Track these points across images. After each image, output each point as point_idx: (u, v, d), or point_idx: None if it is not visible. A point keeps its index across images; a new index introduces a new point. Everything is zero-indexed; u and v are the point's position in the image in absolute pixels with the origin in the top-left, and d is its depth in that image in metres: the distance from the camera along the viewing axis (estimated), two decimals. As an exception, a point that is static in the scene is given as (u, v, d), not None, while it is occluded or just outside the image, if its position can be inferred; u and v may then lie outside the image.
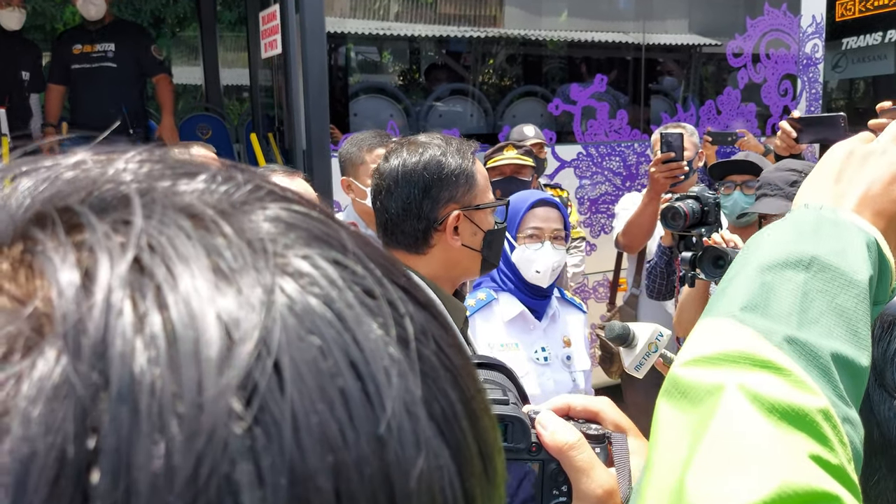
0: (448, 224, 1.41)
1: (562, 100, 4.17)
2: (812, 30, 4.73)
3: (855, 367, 0.53)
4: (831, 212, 0.61)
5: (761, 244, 0.60)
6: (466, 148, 1.44)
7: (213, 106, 5.92)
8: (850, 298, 0.55)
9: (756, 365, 0.51)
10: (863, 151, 0.65)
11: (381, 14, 4.20)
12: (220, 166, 0.27)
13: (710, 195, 2.34)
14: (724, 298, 0.57)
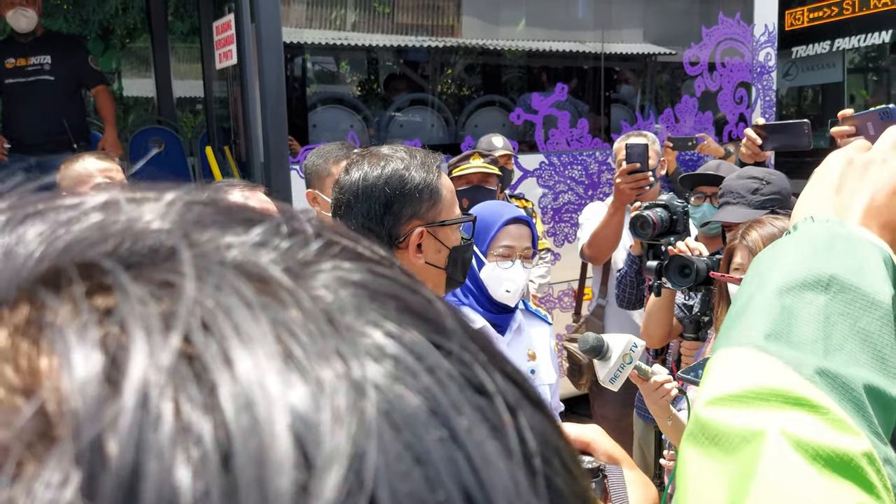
0: (411, 241, 1.34)
1: (523, 109, 4.16)
2: (765, 38, 4.82)
3: (886, 398, 0.50)
4: (840, 225, 0.58)
5: (774, 263, 0.57)
6: (431, 161, 1.37)
7: (165, 119, 5.78)
8: (874, 321, 0.52)
9: (790, 403, 0.47)
10: (863, 160, 0.63)
11: (339, 24, 4.14)
12: (281, 214, 0.22)
13: (678, 204, 2.34)
14: (742, 324, 0.53)
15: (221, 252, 0.19)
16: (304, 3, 3.94)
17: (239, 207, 0.22)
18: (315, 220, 0.22)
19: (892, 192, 0.61)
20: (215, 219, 0.20)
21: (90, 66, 4.40)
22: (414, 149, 1.42)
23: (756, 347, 0.51)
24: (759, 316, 0.53)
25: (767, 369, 0.49)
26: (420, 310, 0.20)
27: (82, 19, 8.27)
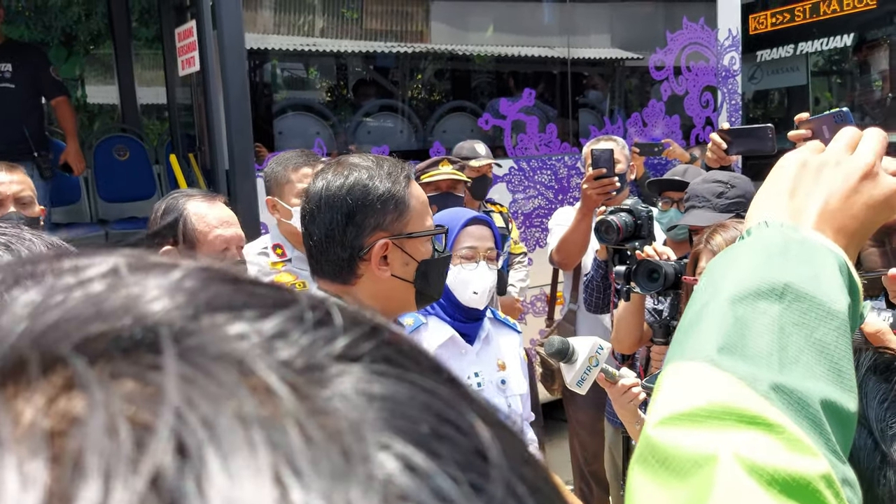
0: (373, 253, 1.30)
1: (491, 114, 4.16)
2: (729, 43, 4.87)
3: (843, 413, 0.48)
4: (794, 230, 0.57)
5: (727, 270, 0.55)
6: (399, 171, 1.33)
7: (130, 126, 5.69)
8: (830, 332, 0.50)
9: (744, 421, 0.45)
10: (816, 163, 0.61)
11: (307, 30, 4.10)
12: (308, 299, 0.19)
13: (642, 208, 2.34)
14: (694, 336, 0.51)
15: (226, 344, 0.16)
16: (271, 8, 3.90)
17: (261, 285, 0.19)
18: (349, 308, 0.20)
19: (846, 196, 0.59)
20: (231, 299, 0.18)
21: (51, 75, 4.35)
22: (383, 158, 1.38)
23: (709, 361, 0.48)
24: (712, 327, 0.51)
25: (721, 385, 0.47)
26: (458, 437, 0.17)
27: (45, 26, 8.12)
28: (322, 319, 0.19)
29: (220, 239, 1.87)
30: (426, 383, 0.18)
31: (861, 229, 0.60)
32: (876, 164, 0.61)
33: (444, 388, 0.19)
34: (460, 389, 0.20)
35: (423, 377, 0.18)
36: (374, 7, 4.21)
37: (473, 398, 0.20)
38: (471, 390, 0.20)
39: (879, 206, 0.60)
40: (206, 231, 1.86)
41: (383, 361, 0.18)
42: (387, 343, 0.19)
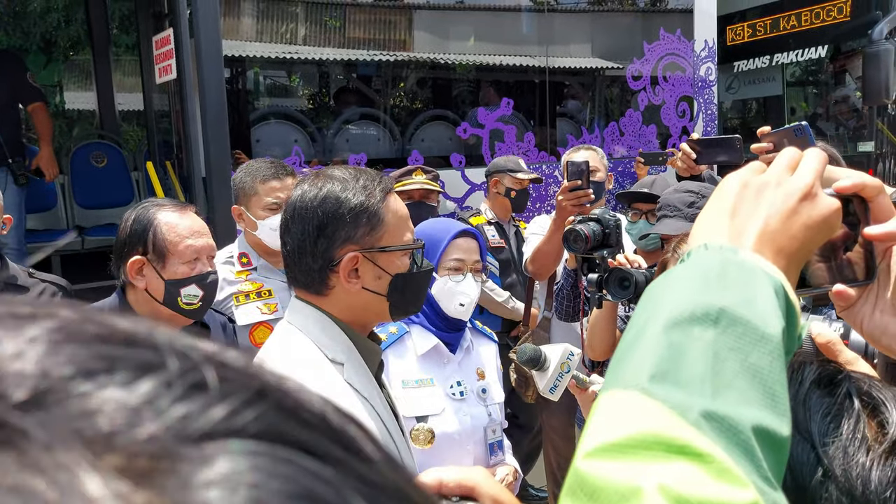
0: (342, 266, 1.29)
1: (470, 123, 4.18)
2: (705, 54, 4.93)
3: (776, 439, 0.48)
4: (733, 253, 0.56)
5: (664, 294, 0.55)
6: (374, 185, 1.32)
7: (107, 133, 5.65)
8: (765, 356, 0.50)
9: (673, 451, 0.44)
10: (757, 183, 0.61)
11: (289, 38, 4.11)
12: (182, 360, 0.18)
13: (610, 217, 2.36)
14: (628, 363, 0.51)
15: (82, 421, 0.15)
16: (253, 16, 3.90)
17: (133, 340, 0.17)
18: (234, 365, 0.18)
19: (786, 217, 0.59)
20: (94, 362, 0.16)
21: (28, 82, 4.32)
22: (363, 171, 1.37)
23: (640, 390, 0.48)
24: (646, 354, 0.50)
25: (651, 414, 0.46)
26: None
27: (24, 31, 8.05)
28: (196, 381, 0.17)
29: (190, 249, 1.87)
30: (307, 464, 0.17)
31: (801, 250, 0.60)
32: (815, 185, 0.61)
33: (329, 468, 0.18)
34: (351, 458, 0.19)
35: (305, 456, 0.17)
36: (357, 16, 4.23)
37: (361, 472, 0.19)
38: (367, 452, 0.20)
39: (818, 227, 0.60)
40: (177, 241, 1.86)
41: (265, 436, 0.17)
42: (275, 408, 0.18)
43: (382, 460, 0.20)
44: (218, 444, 0.16)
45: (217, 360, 0.19)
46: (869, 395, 0.66)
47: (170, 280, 1.85)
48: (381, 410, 1.30)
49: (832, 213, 0.61)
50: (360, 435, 0.20)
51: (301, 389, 0.20)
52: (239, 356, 0.20)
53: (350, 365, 1.30)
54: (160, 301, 1.86)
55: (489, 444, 2.05)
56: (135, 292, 1.90)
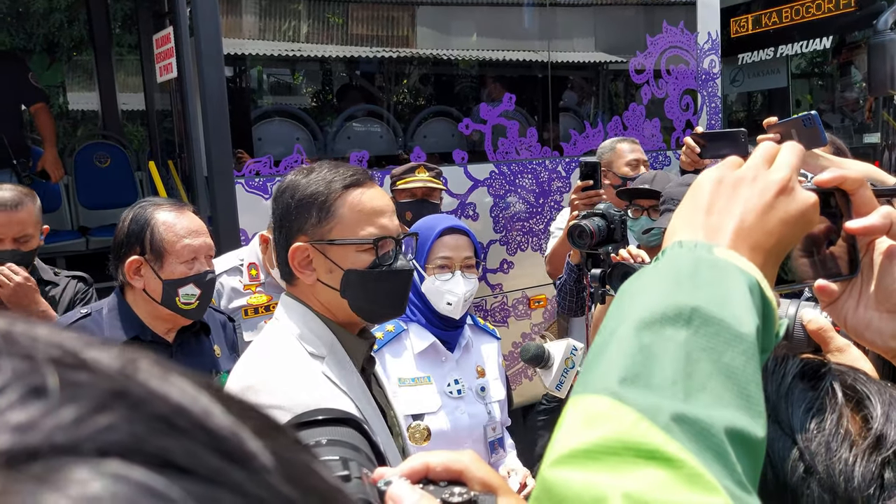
0: (290, 255, 1.30)
1: (472, 119, 4.16)
2: (708, 46, 4.90)
3: (750, 441, 0.47)
4: (707, 251, 0.55)
5: (636, 295, 0.53)
6: (338, 177, 1.30)
7: (110, 133, 5.66)
8: (738, 356, 0.49)
9: (641, 456, 0.43)
10: (732, 179, 0.60)
11: (291, 35, 4.09)
12: (25, 361, 0.16)
13: (615, 213, 2.34)
14: (599, 367, 0.50)
15: None
16: (255, 14, 3.89)
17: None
18: (89, 368, 0.17)
19: (762, 213, 0.58)
20: None
21: (30, 82, 4.32)
22: (338, 165, 1.36)
23: (610, 394, 0.47)
24: (617, 356, 0.49)
25: (619, 420, 0.45)
26: None
27: (27, 33, 8.07)
28: (37, 385, 0.16)
29: (187, 248, 1.86)
30: (153, 481, 0.16)
31: (777, 245, 0.59)
32: (792, 179, 0.60)
33: (192, 482, 0.16)
34: (230, 467, 0.18)
35: (162, 470, 0.16)
36: (360, 12, 4.21)
37: (237, 483, 0.17)
38: (256, 461, 0.18)
39: (795, 222, 0.59)
40: (174, 241, 1.85)
41: (113, 449, 0.16)
42: (133, 413, 0.17)
43: (278, 469, 0.19)
44: (48, 463, 0.14)
45: (70, 360, 0.17)
46: (853, 388, 0.64)
47: (167, 280, 1.84)
48: (364, 405, 1.28)
49: (809, 207, 0.60)
50: (256, 445, 0.19)
51: (182, 392, 0.18)
52: (104, 354, 0.18)
53: (331, 358, 1.29)
54: (158, 301, 1.86)
55: (489, 442, 2.04)
56: (133, 292, 1.89)
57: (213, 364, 1.97)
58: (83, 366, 0.17)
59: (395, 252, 1.35)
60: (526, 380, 4.31)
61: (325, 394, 1.22)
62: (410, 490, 0.58)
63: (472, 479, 0.62)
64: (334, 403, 1.20)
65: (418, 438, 1.90)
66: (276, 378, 1.23)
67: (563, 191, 4.35)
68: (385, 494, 0.58)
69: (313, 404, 1.18)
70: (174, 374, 0.19)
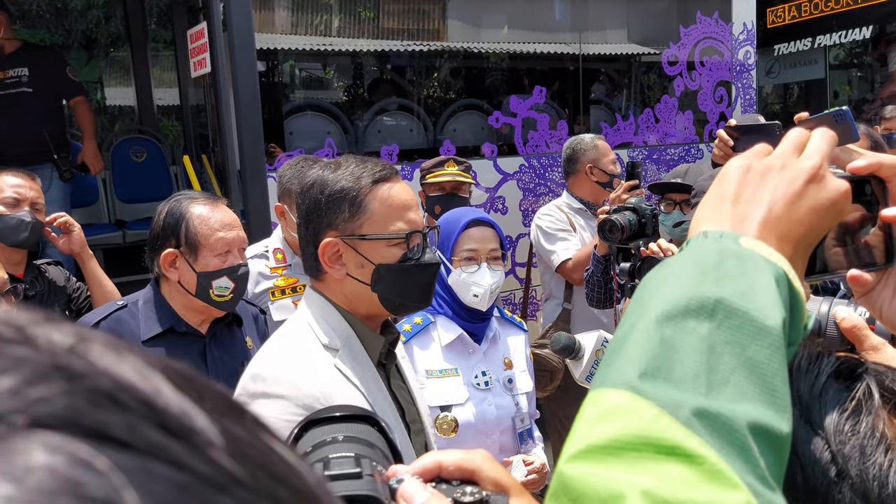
0: (321, 251, 1.30)
1: (502, 112, 4.15)
2: (744, 37, 4.82)
3: (775, 436, 0.46)
4: (733, 241, 0.53)
5: (658, 287, 0.52)
6: (367, 172, 1.31)
7: (146, 128, 5.76)
8: (763, 349, 0.47)
9: (661, 452, 0.43)
10: (761, 167, 0.58)
11: (323, 30, 4.12)
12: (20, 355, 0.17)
13: (647, 207, 2.32)
14: (618, 360, 0.49)
15: None
16: (287, 9, 3.93)
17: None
18: (33, 345, 0.18)
19: (791, 202, 0.56)
20: None
21: (68, 76, 4.38)
22: (364, 160, 1.37)
23: (630, 388, 0.46)
24: (637, 350, 0.48)
25: (639, 415, 0.44)
26: None
27: (65, 29, 8.23)
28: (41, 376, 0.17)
29: (221, 241, 1.89)
30: (83, 453, 0.16)
31: (808, 235, 0.57)
32: (822, 167, 0.58)
33: (106, 455, 0.17)
34: (171, 441, 0.18)
35: (96, 442, 0.17)
36: (391, 6, 4.22)
37: (176, 457, 0.18)
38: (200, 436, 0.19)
39: (825, 211, 0.57)
40: (208, 234, 1.88)
41: (49, 421, 0.17)
42: (73, 387, 0.17)
43: (226, 446, 0.19)
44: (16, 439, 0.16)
45: (13, 335, 0.18)
46: (891, 390, 0.61)
47: (202, 272, 1.87)
48: (378, 399, 1.29)
49: (840, 195, 0.58)
50: (203, 420, 0.19)
51: (133, 370, 0.19)
52: (54, 332, 0.19)
53: (345, 351, 1.30)
54: (192, 293, 1.89)
55: (518, 433, 2.05)
56: (168, 284, 1.93)
57: (245, 355, 2.00)
58: (26, 341, 0.18)
59: (423, 245, 1.36)
60: (555, 374, 4.30)
61: (333, 386, 1.23)
62: (421, 488, 0.58)
63: (484, 479, 0.62)
64: (342, 396, 1.21)
65: (446, 430, 1.91)
66: (284, 368, 1.24)
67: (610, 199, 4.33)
68: (396, 492, 0.58)
69: (319, 396, 1.19)
70: (129, 353, 0.20)
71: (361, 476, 0.59)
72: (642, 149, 4.49)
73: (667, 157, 4.52)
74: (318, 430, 0.67)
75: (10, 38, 4.24)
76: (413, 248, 1.34)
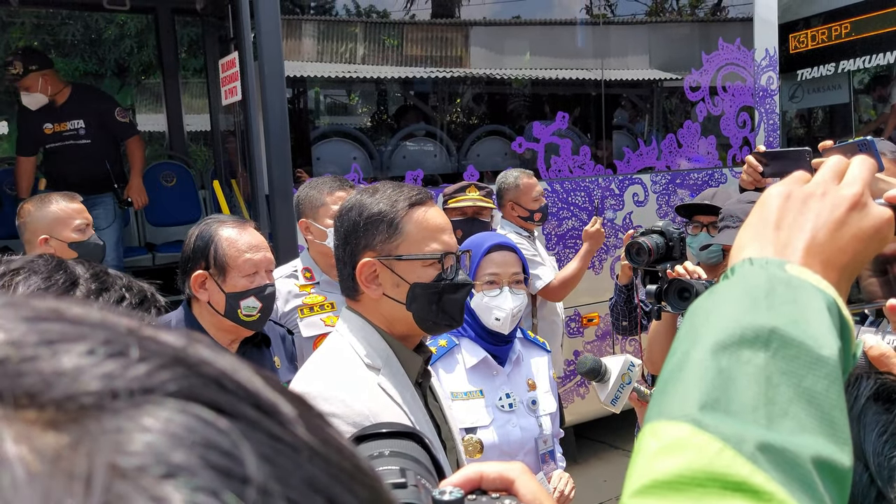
0: (358, 271, 1.36)
1: (525, 138, 4.20)
2: (766, 63, 4.83)
3: (837, 470, 0.45)
4: (780, 268, 0.53)
5: (710, 315, 0.51)
6: (402, 196, 1.36)
7: (176, 153, 5.88)
8: (820, 379, 0.47)
9: (728, 487, 0.42)
10: (802, 194, 0.57)
11: (348, 57, 4.21)
12: (110, 332, 0.22)
13: (674, 230, 2.33)
14: (675, 391, 0.48)
15: (7, 381, 0.19)
16: (313, 37, 4.02)
17: (63, 316, 0.22)
18: (154, 341, 0.22)
19: (834, 228, 0.55)
20: (28, 335, 0.21)
21: (118, 120, 4.62)
22: (401, 185, 1.42)
23: (691, 421, 0.45)
24: (693, 380, 0.47)
25: (702, 449, 0.43)
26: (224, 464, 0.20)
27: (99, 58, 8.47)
28: (119, 352, 0.21)
29: (248, 263, 1.94)
30: (208, 416, 0.21)
31: (852, 262, 0.56)
32: (864, 194, 0.58)
33: (232, 422, 0.21)
34: (263, 417, 0.22)
35: (211, 412, 0.21)
36: (414, 34, 4.31)
37: (269, 429, 0.22)
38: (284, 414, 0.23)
39: (869, 238, 0.57)
40: (236, 255, 1.93)
41: (176, 394, 0.21)
42: (189, 372, 0.22)
43: (304, 426, 0.24)
44: (133, 399, 0.20)
45: (140, 334, 0.23)
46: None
47: (230, 293, 1.92)
48: (419, 418, 1.32)
49: (884, 222, 0.58)
50: (286, 406, 0.24)
51: (230, 364, 0.24)
52: (171, 334, 0.24)
53: (386, 371, 1.34)
54: (221, 313, 1.94)
55: (540, 455, 2.05)
56: (199, 305, 1.98)
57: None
58: (154, 339, 0.23)
59: (456, 267, 1.41)
60: (578, 398, 4.28)
61: (381, 405, 1.27)
62: None
63: (521, 491, 0.63)
64: (388, 415, 1.25)
65: (471, 451, 1.93)
66: (334, 387, 1.28)
67: (616, 208, 4.34)
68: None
69: (368, 414, 1.23)
70: (226, 353, 0.25)
71: (406, 486, 0.61)
72: (665, 173, 4.51)
73: (690, 181, 4.53)
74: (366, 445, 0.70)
75: (61, 88, 4.49)
76: (447, 268, 1.38)
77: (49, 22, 8.04)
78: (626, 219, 4.38)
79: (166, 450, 0.19)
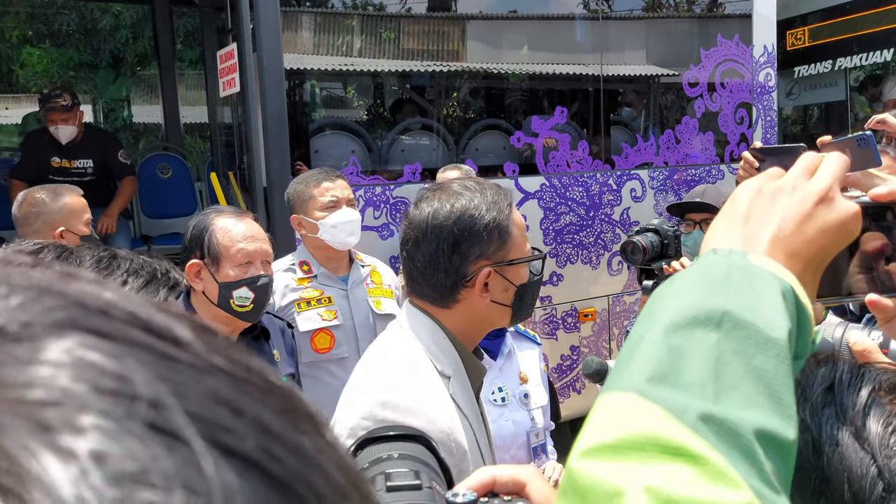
0: (477, 282, 1.30)
1: (523, 132, 4.19)
2: (764, 59, 4.84)
3: (781, 442, 0.47)
4: (741, 257, 0.55)
5: (667, 299, 0.54)
6: (502, 199, 1.34)
7: (172, 145, 5.86)
8: (769, 359, 0.49)
9: (667, 452, 0.44)
10: (771, 189, 0.60)
11: (345, 50, 4.20)
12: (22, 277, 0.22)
13: (669, 228, 2.34)
14: (628, 367, 0.50)
15: None
16: (311, 30, 4.01)
17: None
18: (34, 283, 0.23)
19: (800, 221, 0.58)
20: None
21: (120, 161, 4.78)
22: (486, 184, 1.37)
23: (638, 392, 0.48)
24: (646, 357, 0.50)
25: (646, 416, 0.46)
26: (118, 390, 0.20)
27: (94, 48, 8.42)
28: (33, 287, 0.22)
29: (241, 252, 1.93)
30: (90, 342, 0.21)
31: (818, 255, 0.59)
32: (832, 189, 0.60)
33: (117, 345, 0.21)
34: (153, 339, 0.22)
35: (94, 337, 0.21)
36: (411, 27, 4.30)
37: (162, 350, 0.22)
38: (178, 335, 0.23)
39: (835, 231, 0.59)
40: (229, 245, 1.93)
41: (54, 325, 0.21)
42: (66, 303, 0.22)
43: (204, 346, 0.23)
44: (10, 334, 0.20)
45: (19, 271, 0.23)
46: None
47: (222, 282, 1.92)
48: (476, 428, 1.30)
49: (850, 217, 0.60)
50: (182, 329, 0.23)
51: (117, 293, 0.23)
52: (46, 271, 0.24)
53: (456, 379, 1.30)
54: (214, 303, 1.94)
55: (532, 448, 2.06)
56: (196, 295, 1.98)
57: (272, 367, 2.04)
58: (33, 276, 0.23)
59: None
60: (574, 393, 4.29)
61: (456, 421, 1.24)
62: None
63: (533, 494, 0.64)
64: (460, 428, 1.23)
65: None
66: (417, 399, 1.23)
67: (614, 204, 4.34)
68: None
69: (448, 431, 1.20)
70: (114, 285, 0.25)
71: (421, 488, 0.62)
72: (662, 169, 4.51)
73: (687, 177, 4.53)
74: (374, 447, 0.70)
75: (82, 128, 4.66)
76: (539, 265, 1.41)
77: (44, 11, 7.98)
78: (623, 214, 4.38)
79: (49, 379, 0.19)
